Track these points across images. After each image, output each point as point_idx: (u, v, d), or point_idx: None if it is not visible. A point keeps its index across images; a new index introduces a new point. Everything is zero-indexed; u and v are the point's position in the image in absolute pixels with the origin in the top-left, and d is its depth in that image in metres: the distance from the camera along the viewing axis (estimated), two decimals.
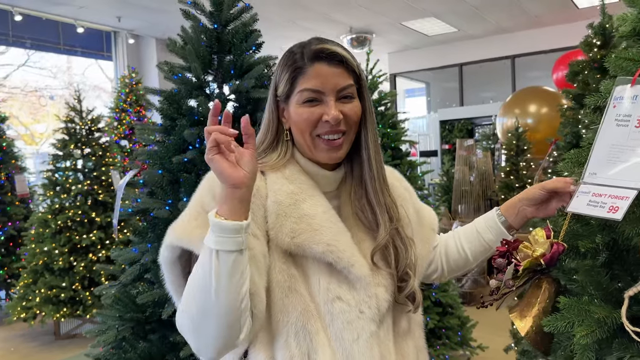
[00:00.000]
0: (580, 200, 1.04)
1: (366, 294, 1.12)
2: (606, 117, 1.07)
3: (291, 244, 1.09)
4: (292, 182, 1.16)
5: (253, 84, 2.09)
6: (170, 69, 2.17)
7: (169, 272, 1.12)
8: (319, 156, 1.17)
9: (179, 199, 2.02)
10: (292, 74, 1.14)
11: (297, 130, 1.17)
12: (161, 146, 2.16)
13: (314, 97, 1.13)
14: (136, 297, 1.97)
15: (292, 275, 1.11)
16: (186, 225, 1.08)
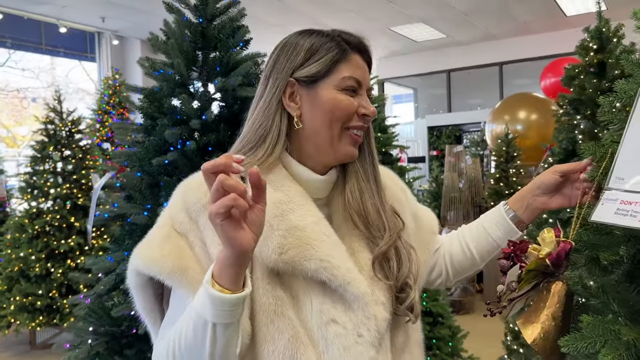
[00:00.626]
0: (607, 209, 0.94)
1: (364, 314, 0.99)
2: (633, 117, 0.97)
3: (279, 261, 0.95)
4: (278, 189, 1.02)
5: (240, 82, 1.96)
6: (152, 65, 2.03)
7: (140, 296, 1.01)
8: (341, 150, 1.06)
9: (159, 203, 1.89)
10: (335, 55, 1.04)
11: (324, 118, 1.04)
12: (140, 147, 2.02)
13: (355, 87, 1.06)
14: (111, 309, 1.82)
15: (278, 297, 0.97)
16: (155, 250, 0.95)
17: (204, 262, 0.95)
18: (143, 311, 1.03)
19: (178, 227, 0.98)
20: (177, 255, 0.94)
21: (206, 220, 0.94)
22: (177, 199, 1.02)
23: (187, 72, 2.02)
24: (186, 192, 1.01)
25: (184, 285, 0.92)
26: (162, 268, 0.92)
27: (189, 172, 1.91)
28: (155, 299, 1.03)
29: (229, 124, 2.03)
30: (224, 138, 1.99)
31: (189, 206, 0.98)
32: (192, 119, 1.94)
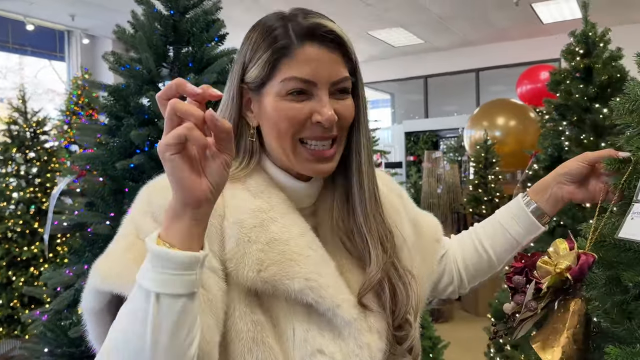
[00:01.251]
0: (638, 224, 0.82)
1: (356, 343, 0.84)
2: None
3: (257, 280, 0.80)
4: (258, 197, 0.88)
5: (215, 79, 1.80)
6: (117, 60, 1.86)
7: (95, 324, 0.82)
8: (302, 168, 0.89)
9: (123, 212, 1.71)
10: (273, 54, 0.85)
11: (272, 132, 0.88)
12: (104, 149, 1.85)
13: (303, 88, 0.85)
14: (69, 328, 1.64)
15: (257, 322, 0.82)
16: (116, 262, 0.78)
17: None
18: (96, 340, 0.85)
19: (143, 235, 0.81)
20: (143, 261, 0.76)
21: None
22: (141, 203, 0.86)
23: (156, 68, 1.86)
24: (151, 194, 0.86)
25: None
26: (124, 279, 0.75)
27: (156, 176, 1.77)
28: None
29: None
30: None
31: (154, 209, 0.82)
32: (160, 119, 1.78)
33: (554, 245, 0.93)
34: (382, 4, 7.65)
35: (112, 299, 0.81)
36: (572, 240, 0.94)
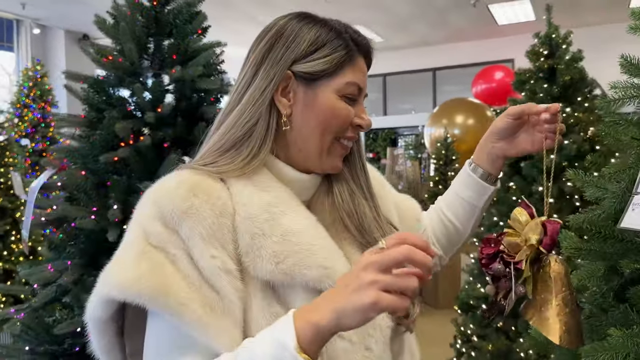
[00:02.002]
0: (638, 215, 0.87)
1: (371, 325, 0.88)
2: None
3: (276, 272, 0.82)
4: (265, 191, 0.88)
5: (201, 72, 1.78)
6: (99, 51, 1.82)
7: (100, 334, 0.84)
8: (328, 161, 0.95)
9: (108, 206, 1.68)
10: (342, 57, 0.92)
11: (317, 124, 0.91)
12: (84, 142, 1.80)
13: (356, 95, 0.95)
14: (52, 325, 1.60)
15: (275, 314, 0.83)
16: (129, 271, 0.78)
17: (193, 279, 0.80)
18: (101, 350, 0.87)
19: (153, 240, 0.81)
20: (158, 272, 0.78)
21: (190, 230, 0.80)
22: (148, 209, 0.84)
23: (139, 60, 1.83)
24: (159, 200, 0.84)
25: (171, 307, 0.77)
26: (142, 289, 0.76)
27: (142, 171, 1.74)
28: (116, 336, 0.88)
29: (187, 118, 1.85)
30: (182, 133, 1.81)
31: (165, 214, 0.81)
32: (145, 111, 1.75)
33: (514, 216, 0.95)
34: (343, 2, 7.70)
35: (119, 308, 0.83)
36: (528, 205, 0.95)
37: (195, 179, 0.85)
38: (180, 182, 0.84)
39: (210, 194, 0.84)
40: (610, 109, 1.20)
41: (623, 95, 1.23)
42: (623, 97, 1.23)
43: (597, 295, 1.03)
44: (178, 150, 1.74)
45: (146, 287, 0.76)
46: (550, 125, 1.02)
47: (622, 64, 1.26)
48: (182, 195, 0.82)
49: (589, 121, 3.01)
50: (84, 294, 1.59)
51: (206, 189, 0.84)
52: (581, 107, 3.06)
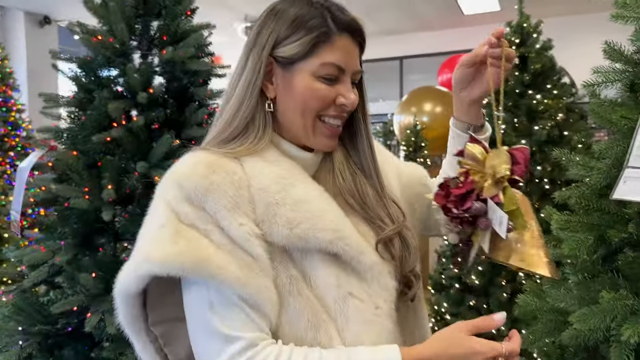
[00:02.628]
0: (631, 187, 0.95)
1: (379, 285, 0.95)
2: None
3: (291, 236, 0.88)
4: (275, 165, 0.95)
5: (192, 54, 1.79)
6: (87, 31, 1.80)
7: (130, 306, 0.92)
8: (316, 142, 0.99)
9: (101, 186, 1.68)
10: (316, 38, 0.93)
11: (297, 107, 0.96)
12: (73, 123, 1.79)
13: (336, 75, 0.95)
14: (46, 305, 1.60)
15: (292, 276, 0.90)
16: (168, 247, 0.84)
17: (226, 246, 0.86)
18: (128, 320, 0.94)
19: (185, 220, 0.87)
20: (195, 246, 0.85)
21: (214, 204, 0.87)
22: (173, 192, 0.90)
23: (129, 41, 1.82)
24: (180, 182, 0.89)
25: (212, 273, 0.83)
26: (184, 263, 0.83)
27: (134, 150, 1.75)
28: (141, 307, 0.95)
29: (178, 99, 1.86)
30: (172, 114, 1.82)
31: (190, 194, 0.87)
32: (137, 92, 1.75)
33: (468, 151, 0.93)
34: None
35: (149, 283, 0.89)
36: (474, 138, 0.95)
37: (211, 158, 0.91)
38: (198, 162, 0.90)
39: (227, 170, 0.90)
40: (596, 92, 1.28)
41: (605, 79, 1.31)
42: (605, 81, 1.32)
43: (587, 263, 1.11)
44: (171, 131, 1.75)
45: (187, 260, 0.83)
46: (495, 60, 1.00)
47: (605, 50, 1.34)
48: (202, 173, 0.88)
49: (557, 108, 3.14)
50: (79, 274, 1.59)
51: (223, 166, 0.90)
52: (550, 95, 3.18)
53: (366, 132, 1.06)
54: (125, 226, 1.70)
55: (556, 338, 1.25)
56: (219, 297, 0.85)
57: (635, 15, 1.28)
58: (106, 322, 1.54)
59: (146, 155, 1.73)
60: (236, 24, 9.23)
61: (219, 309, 0.85)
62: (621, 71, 1.27)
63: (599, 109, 1.13)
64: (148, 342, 0.97)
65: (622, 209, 1.08)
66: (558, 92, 3.18)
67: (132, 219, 1.70)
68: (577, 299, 1.13)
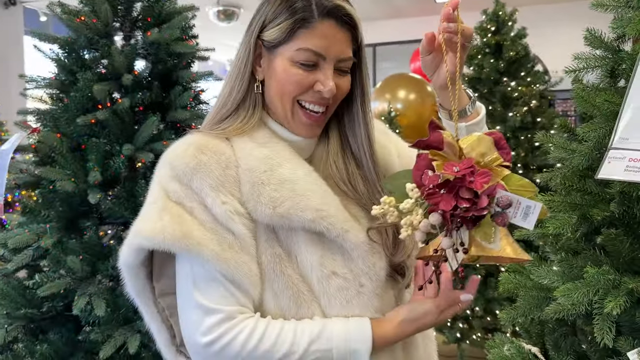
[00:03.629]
0: (614, 166, 1.00)
1: (365, 263, 0.97)
2: (634, 82, 1.04)
3: (274, 215, 0.92)
4: (264, 146, 0.98)
5: (178, 35, 1.78)
6: (69, 12, 1.77)
7: (132, 277, 0.97)
8: (295, 126, 1.01)
9: (86, 169, 1.66)
10: (294, 23, 0.95)
11: (277, 90, 0.99)
12: (56, 104, 1.77)
13: (313, 61, 0.96)
14: (31, 288, 1.59)
15: (276, 254, 0.94)
16: (155, 222, 0.90)
17: (208, 224, 0.91)
18: (134, 292, 0.99)
19: (173, 196, 0.92)
20: (178, 222, 0.89)
21: (200, 182, 0.91)
22: (164, 170, 0.96)
23: (113, 22, 1.80)
24: (172, 161, 0.95)
25: (191, 249, 0.88)
26: (165, 236, 0.88)
27: (119, 133, 1.73)
28: (146, 279, 0.99)
29: (162, 81, 1.84)
30: (157, 97, 1.81)
31: (178, 172, 0.93)
32: (121, 74, 1.73)
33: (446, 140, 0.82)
34: None
35: (148, 256, 0.95)
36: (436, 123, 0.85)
37: (203, 140, 0.95)
38: (190, 143, 0.95)
39: (215, 151, 0.94)
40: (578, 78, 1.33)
41: (586, 65, 1.36)
42: (586, 67, 1.37)
43: (571, 241, 1.16)
44: (157, 113, 1.74)
45: (169, 235, 0.87)
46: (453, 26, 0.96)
47: (586, 37, 1.39)
48: (191, 154, 0.93)
49: (531, 95, 3.22)
50: (65, 257, 1.59)
51: (212, 147, 0.94)
52: (524, 82, 3.27)
53: (364, 121, 1.06)
54: (110, 209, 1.69)
55: (536, 315, 1.30)
56: (202, 271, 0.89)
57: (614, 3, 1.33)
58: (94, 305, 1.53)
59: (131, 138, 1.72)
60: (208, 8, 9.12)
61: (200, 283, 0.90)
62: (601, 57, 1.31)
63: (583, 93, 1.18)
64: (156, 313, 1.01)
65: (604, 189, 1.13)
66: (532, 79, 3.27)
67: (117, 202, 1.70)
68: (561, 276, 1.18)
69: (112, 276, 1.64)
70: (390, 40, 10.51)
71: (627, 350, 1.02)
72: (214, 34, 9.42)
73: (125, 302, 1.60)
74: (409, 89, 6.76)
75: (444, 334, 3.39)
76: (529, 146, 3.12)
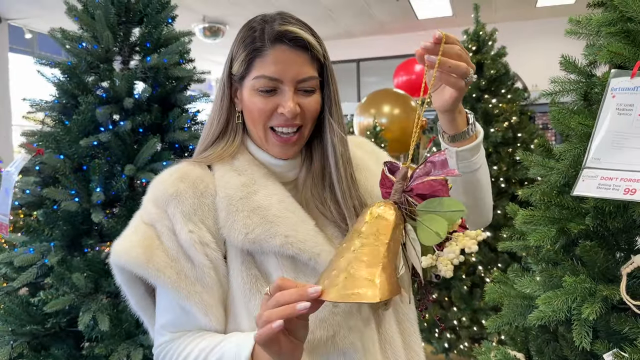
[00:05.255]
0: (588, 184, 1.09)
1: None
2: (604, 106, 1.14)
3: (245, 241, 0.97)
4: (242, 174, 1.04)
5: (177, 60, 1.86)
6: (70, 37, 1.84)
7: (132, 293, 1.03)
8: (271, 150, 1.06)
9: (89, 189, 1.73)
10: (249, 54, 1.00)
11: (249, 118, 1.05)
12: (58, 127, 1.83)
13: (271, 86, 1.00)
14: (35, 305, 1.64)
15: (253, 275, 0.99)
16: (125, 242, 0.98)
17: (172, 251, 0.97)
18: (136, 307, 1.05)
19: (146, 218, 1.00)
20: (144, 244, 0.96)
21: (174, 208, 0.97)
22: (148, 193, 1.03)
23: (113, 47, 1.87)
24: (156, 185, 1.03)
25: (150, 275, 0.94)
26: (130, 258, 0.95)
27: (121, 155, 1.80)
28: (145, 294, 1.05)
29: (161, 104, 1.92)
30: (157, 119, 1.88)
31: (157, 196, 1.00)
32: (122, 97, 1.81)
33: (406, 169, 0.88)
34: None
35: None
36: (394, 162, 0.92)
37: (186, 169, 1.02)
38: (174, 171, 1.03)
39: (194, 179, 1.01)
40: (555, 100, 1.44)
41: (562, 89, 1.47)
42: (562, 90, 1.47)
43: (551, 252, 1.26)
44: (157, 135, 1.81)
45: (133, 257, 0.95)
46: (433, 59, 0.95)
47: (561, 62, 1.50)
48: (172, 181, 1.00)
49: (511, 111, 3.35)
50: (69, 274, 1.64)
51: (191, 175, 1.01)
52: (505, 99, 3.39)
53: (331, 136, 1.08)
54: (112, 227, 1.75)
55: (520, 322, 1.39)
56: (162, 293, 0.99)
57: (586, 31, 1.44)
58: (98, 320, 1.59)
59: (132, 159, 1.79)
60: (194, 25, 9.21)
61: (160, 303, 1.00)
62: (575, 82, 1.42)
63: (559, 116, 1.28)
64: None
65: (579, 204, 1.23)
66: (512, 96, 3.39)
67: (119, 221, 1.76)
68: (542, 285, 1.27)
69: (114, 292, 1.70)
70: (374, 55, 10.71)
71: (604, 353, 1.11)
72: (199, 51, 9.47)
73: (127, 317, 1.65)
74: (393, 104, 6.90)
75: (432, 344, 3.47)
76: (510, 160, 3.23)
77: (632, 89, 1.12)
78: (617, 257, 1.19)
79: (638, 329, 1.08)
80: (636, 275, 1.14)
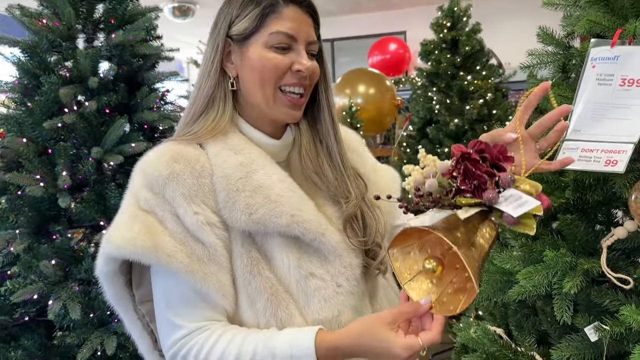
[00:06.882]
0: (569, 156, 1.07)
1: (341, 264, 1.01)
2: (584, 77, 1.11)
3: (249, 222, 0.94)
4: (239, 153, 1.00)
5: (143, 37, 1.78)
6: (30, 15, 1.75)
7: (111, 286, 0.98)
8: (278, 112, 1.02)
9: (54, 173, 1.65)
10: (262, 10, 0.98)
11: (255, 79, 1.00)
12: (21, 109, 1.75)
13: (287, 43, 0.99)
14: (4, 295, 1.57)
15: (253, 258, 0.96)
16: (125, 231, 0.91)
17: (178, 234, 0.92)
18: (113, 299, 1.00)
19: (143, 205, 0.94)
20: (148, 231, 0.90)
21: (173, 191, 0.92)
22: (137, 178, 0.97)
23: (75, 25, 1.78)
24: (145, 169, 0.96)
25: (161, 261, 0.89)
26: (135, 247, 0.89)
27: (87, 137, 1.73)
28: (125, 286, 1.01)
29: (128, 83, 1.84)
30: (124, 99, 1.81)
31: (151, 181, 0.94)
32: (87, 77, 1.73)
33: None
34: None
35: (122, 264, 0.96)
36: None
37: (176, 148, 0.96)
38: (163, 152, 0.96)
39: (189, 159, 0.95)
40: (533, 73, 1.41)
41: (539, 62, 1.45)
42: (539, 63, 1.45)
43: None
44: (125, 115, 1.74)
45: (139, 246, 0.88)
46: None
47: (538, 34, 1.47)
48: (165, 163, 0.94)
49: (487, 88, 3.34)
50: (37, 262, 1.58)
51: (185, 155, 0.95)
52: (480, 75, 3.38)
53: (328, 103, 1.09)
54: (80, 212, 1.69)
55: (500, 298, 1.38)
56: (172, 283, 0.92)
57: (564, 2, 1.41)
58: (68, 309, 1.53)
59: (99, 141, 1.72)
60: (163, 4, 8.97)
61: (170, 296, 0.93)
62: (553, 54, 1.40)
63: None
64: (136, 319, 1.02)
65: (559, 177, 1.21)
66: (487, 73, 3.38)
67: (87, 205, 1.69)
68: (522, 260, 1.25)
69: (85, 279, 1.64)
70: (348, 35, 10.60)
71: (584, 326, 1.10)
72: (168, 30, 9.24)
73: (100, 305, 1.60)
74: (368, 83, 6.83)
75: None
76: None
77: (612, 59, 1.10)
78: (596, 230, 1.18)
79: (618, 301, 1.08)
80: (616, 248, 1.14)
